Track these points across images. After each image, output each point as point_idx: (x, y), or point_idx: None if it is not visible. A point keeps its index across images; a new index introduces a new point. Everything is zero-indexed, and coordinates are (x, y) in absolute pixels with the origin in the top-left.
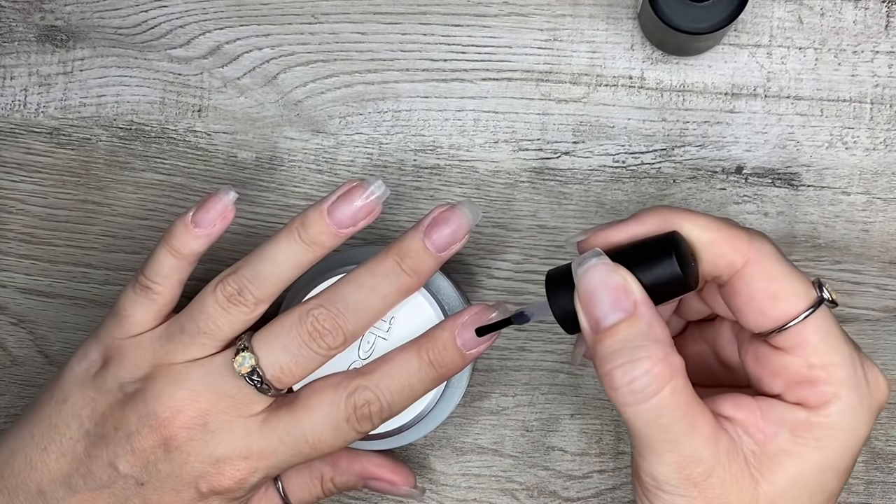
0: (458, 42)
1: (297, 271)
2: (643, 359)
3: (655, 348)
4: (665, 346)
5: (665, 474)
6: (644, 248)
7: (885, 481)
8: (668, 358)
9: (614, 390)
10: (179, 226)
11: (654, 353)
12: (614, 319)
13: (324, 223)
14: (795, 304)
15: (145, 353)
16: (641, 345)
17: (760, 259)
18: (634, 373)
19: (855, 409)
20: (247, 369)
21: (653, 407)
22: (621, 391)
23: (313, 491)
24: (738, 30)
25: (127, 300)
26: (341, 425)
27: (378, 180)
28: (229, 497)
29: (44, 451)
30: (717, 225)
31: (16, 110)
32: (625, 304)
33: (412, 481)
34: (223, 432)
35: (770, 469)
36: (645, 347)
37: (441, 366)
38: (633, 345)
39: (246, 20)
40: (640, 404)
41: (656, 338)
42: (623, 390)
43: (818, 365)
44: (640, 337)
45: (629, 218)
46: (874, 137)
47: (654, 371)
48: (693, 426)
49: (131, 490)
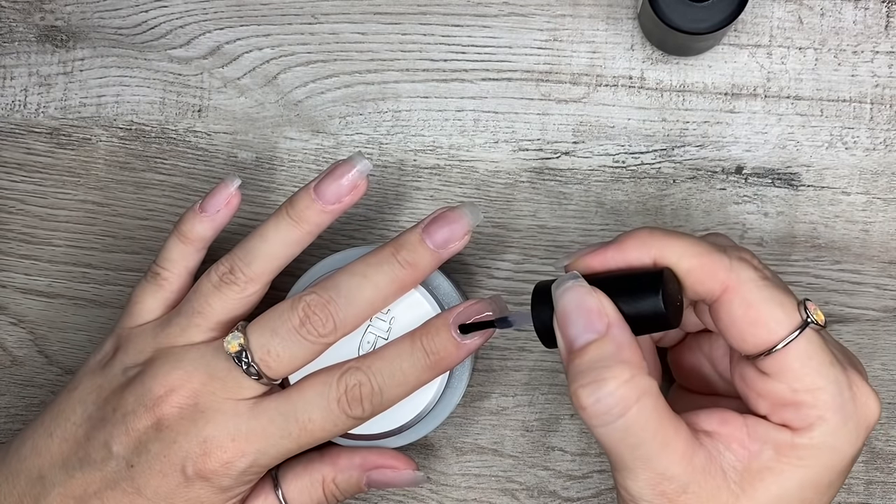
0: (458, 42)
1: (288, 250)
2: (608, 379)
3: (621, 369)
4: (633, 367)
5: (638, 490)
6: (633, 279)
7: (885, 481)
8: (634, 379)
9: (582, 410)
10: (188, 213)
11: (620, 374)
12: (585, 340)
13: (309, 199)
14: (776, 330)
15: (148, 339)
16: (608, 365)
17: (739, 286)
18: (599, 393)
19: (839, 431)
20: (234, 348)
21: (620, 427)
22: (587, 411)
23: (314, 495)
24: (738, 30)
25: (138, 288)
26: (332, 406)
27: (362, 157)
28: (215, 484)
29: (49, 436)
30: (697, 251)
31: (16, 110)
32: (597, 326)
33: (414, 466)
34: (212, 412)
35: (752, 485)
36: (611, 368)
37: (433, 352)
38: (600, 365)
39: (246, 20)
40: (607, 424)
41: (624, 359)
42: (589, 410)
43: (802, 389)
44: (608, 358)
45: (612, 242)
46: (874, 137)
47: (619, 392)
48: (665, 444)
49: (122, 473)
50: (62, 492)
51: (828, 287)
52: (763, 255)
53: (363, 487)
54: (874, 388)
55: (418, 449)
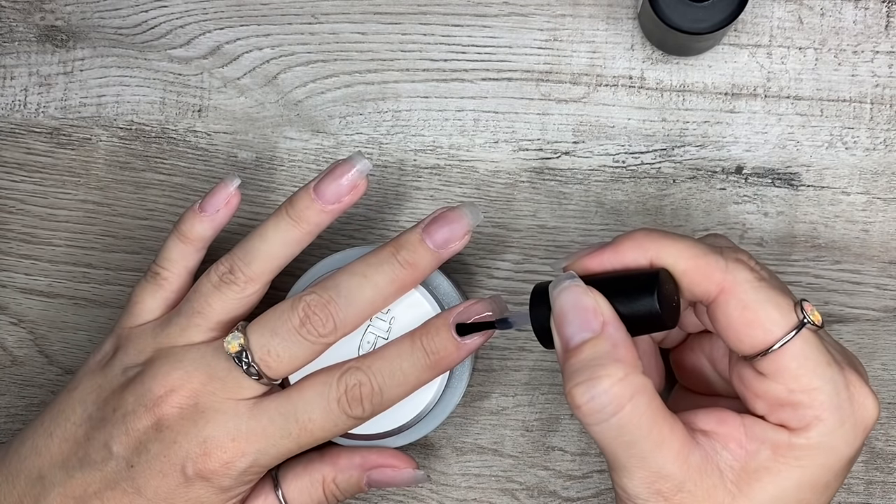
0: (458, 42)
1: (288, 249)
2: (602, 377)
3: (616, 367)
4: (627, 366)
5: (634, 489)
6: (630, 280)
7: (885, 481)
8: (628, 377)
9: (576, 408)
10: (188, 213)
11: (615, 373)
12: (581, 339)
13: (309, 199)
14: (772, 331)
15: (148, 339)
16: (602, 364)
17: (735, 287)
18: (593, 391)
19: (836, 431)
20: (234, 348)
21: (614, 425)
22: (582, 409)
23: (314, 495)
24: (738, 30)
25: (138, 288)
26: (332, 406)
27: (361, 157)
28: (215, 484)
29: (49, 436)
30: (693, 253)
31: (16, 110)
32: (593, 325)
33: (414, 465)
34: (212, 412)
35: (748, 484)
36: (605, 367)
37: (433, 352)
38: (594, 363)
39: (246, 20)
40: (601, 423)
41: (619, 358)
42: (584, 409)
43: (798, 390)
44: (603, 356)
45: (610, 243)
46: (874, 137)
47: (613, 390)
48: (660, 443)
49: (122, 473)
50: (62, 492)
51: (828, 287)
52: (763, 255)
53: (363, 487)
54: (873, 389)
55: (418, 449)
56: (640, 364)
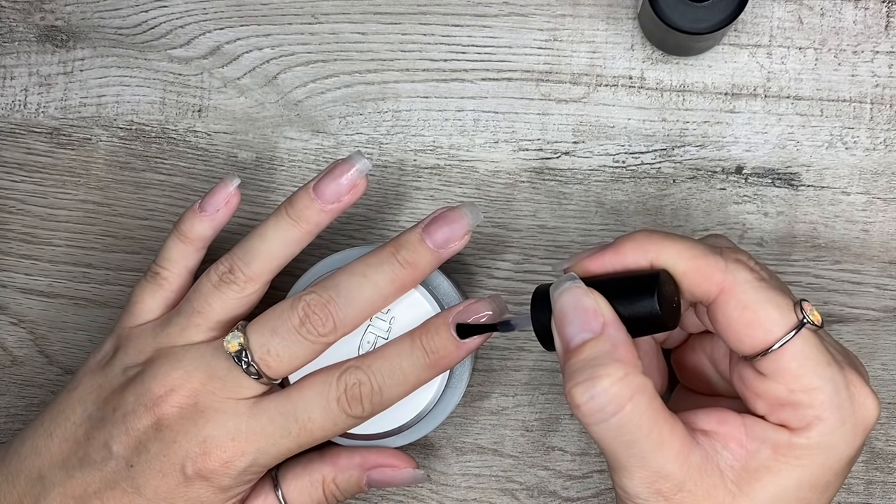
0: (458, 42)
1: (287, 249)
2: (602, 377)
3: (615, 367)
4: (627, 366)
5: (634, 489)
6: (630, 281)
7: (885, 481)
8: (628, 377)
9: (576, 408)
10: (188, 212)
11: (614, 372)
12: (581, 339)
13: (309, 198)
14: (772, 331)
15: (148, 339)
16: (602, 364)
17: (735, 287)
18: (593, 390)
19: (836, 431)
20: (234, 347)
21: (614, 425)
22: (582, 409)
23: (314, 495)
24: (738, 30)
25: (138, 288)
26: (332, 405)
27: (361, 156)
28: (215, 484)
29: (49, 436)
30: (692, 253)
31: (16, 110)
32: (593, 325)
33: (414, 464)
34: (212, 412)
35: (749, 484)
36: (605, 366)
37: (433, 351)
38: (594, 363)
39: (246, 20)
40: (601, 422)
41: (619, 358)
42: (583, 408)
43: (798, 390)
44: (603, 356)
45: (610, 245)
46: (874, 137)
47: (613, 390)
48: (660, 443)
49: (122, 473)
50: (62, 492)
51: (828, 287)
52: (763, 255)
53: (363, 487)
54: (873, 389)
55: (418, 449)
56: (641, 364)
